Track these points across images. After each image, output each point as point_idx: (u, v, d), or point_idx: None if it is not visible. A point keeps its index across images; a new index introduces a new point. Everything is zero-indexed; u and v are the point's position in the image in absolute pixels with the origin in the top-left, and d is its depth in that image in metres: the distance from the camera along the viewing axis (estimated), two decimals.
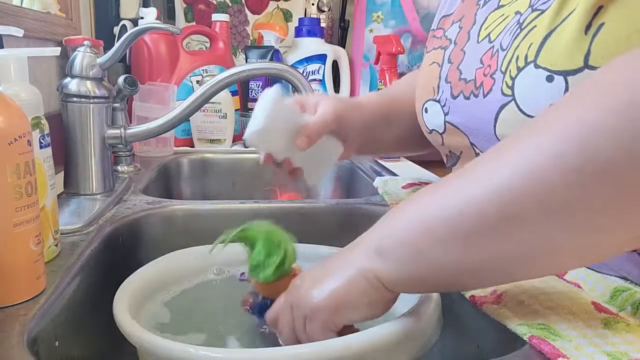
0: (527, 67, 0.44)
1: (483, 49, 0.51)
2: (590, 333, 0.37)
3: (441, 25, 0.63)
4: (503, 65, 0.47)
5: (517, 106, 0.45)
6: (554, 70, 0.42)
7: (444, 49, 0.59)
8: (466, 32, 0.56)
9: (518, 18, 0.47)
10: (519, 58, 0.45)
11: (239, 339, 0.52)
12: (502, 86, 0.46)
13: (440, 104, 0.57)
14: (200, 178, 1.08)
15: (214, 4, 1.42)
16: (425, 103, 0.60)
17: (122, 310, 0.42)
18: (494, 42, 0.50)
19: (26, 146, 0.42)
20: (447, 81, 0.56)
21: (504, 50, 0.48)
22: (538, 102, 0.43)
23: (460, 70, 0.54)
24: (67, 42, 0.91)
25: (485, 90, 0.49)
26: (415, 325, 0.40)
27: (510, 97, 0.46)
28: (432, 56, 0.61)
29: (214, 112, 1.13)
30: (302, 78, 0.77)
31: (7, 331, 0.38)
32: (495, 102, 0.47)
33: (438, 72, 0.58)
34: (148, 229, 0.69)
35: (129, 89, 0.88)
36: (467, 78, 0.53)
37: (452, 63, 0.56)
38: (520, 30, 0.46)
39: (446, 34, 0.60)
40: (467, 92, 0.52)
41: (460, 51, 0.55)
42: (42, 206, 0.48)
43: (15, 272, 0.42)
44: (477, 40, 0.53)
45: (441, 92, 0.57)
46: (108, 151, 0.74)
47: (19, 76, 0.49)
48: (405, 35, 1.37)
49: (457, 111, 0.54)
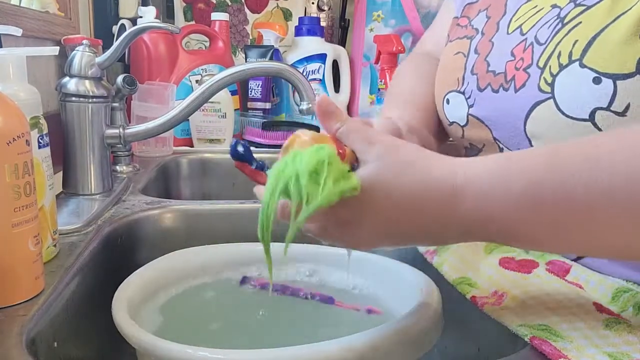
0: (572, 65, 0.42)
1: (514, 41, 0.50)
2: (592, 334, 0.37)
3: (466, 13, 0.61)
4: (541, 60, 0.45)
5: (555, 105, 0.43)
6: (602, 72, 0.40)
7: (469, 38, 0.57)
8: (495, 22, 0.54)
9: (558, 12, 0.46)
10: (561, 54, 0.43)
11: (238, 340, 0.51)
12: (540, 82, 0.45)
13: (465, 95, 0.55)
14: (199, 178, 1.08)
15: (214, 3, 1.42)
16: (448, 94, 0.58)
17: (121, 310, 0.42)
18: (527, 35, 0.48)
19: (25, 146, 0.41)
20: (474, 73, 0.54)
21: (541, 44, 0.46)
22: (581, 103, 0.41)
23: (488, 62, 0.52)
24: (66, 42, 0.91)
25: (518, 85, 0.47)
26: (415, 325, 0.40)
27: (548, 94, 0.44)
28: (456, 46, 0.59)
29: (214, 112, 1.13)
30: (302, 77, 0.76)
31: (5, 332, 0.38)
32: (529, 98, 0.46)
33: (463, 63, 0.56)
34: (147, 229, 0.68)
35: (128, 88, 0.87)
36: (495, 70, 0.51)
37: (479, 54, 0.54)
38: (562, 25, 0.44)
39: (472, 23, 0.58)
40: (496, 85, 0.50)
41: (489, 42, 0.53)
42: (40, 206, 0.48)
43: (14, 272, 0.42)
44: (507, 31, 0.51)
45: (466, 83, 0.55)
46: (107, 151, 0.74)
47: (17, 76, 0.49)
48: (405, 35, 1.36)
49: (483, 104, 0.52)
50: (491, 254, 0.50)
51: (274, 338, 0.52)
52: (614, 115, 0.40)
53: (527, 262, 0.48)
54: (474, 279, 0.47)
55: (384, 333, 0.38)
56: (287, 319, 0.53)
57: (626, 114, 0.39)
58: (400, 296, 0.49)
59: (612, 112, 0.40)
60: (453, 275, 0.49)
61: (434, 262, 0.53)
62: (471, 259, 0.50)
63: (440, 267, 0.52)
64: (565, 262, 0.47)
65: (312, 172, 0.33)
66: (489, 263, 0.49)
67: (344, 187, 0.34)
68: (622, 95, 0.39)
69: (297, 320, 0.53)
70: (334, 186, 0.33)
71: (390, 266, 0.52)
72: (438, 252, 0.54)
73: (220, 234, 0.69)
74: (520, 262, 0.48)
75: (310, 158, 0.34)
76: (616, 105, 0.40)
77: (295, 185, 0.33)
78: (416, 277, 0.48)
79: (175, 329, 0.48)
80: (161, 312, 0.50)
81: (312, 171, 0.33)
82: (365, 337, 0.37)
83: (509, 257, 0.49)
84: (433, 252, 0.54)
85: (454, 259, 0.51)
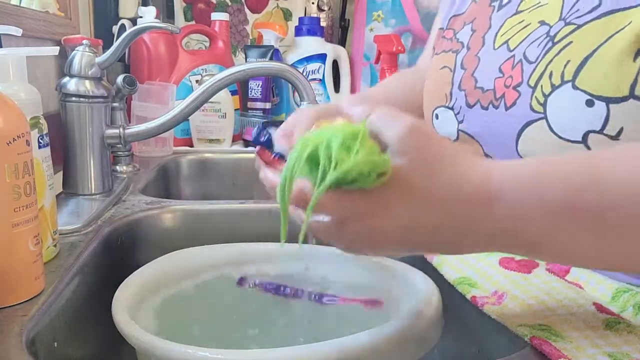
0: (564, 87, 0.41)
1: (501, 57, 0.49)
2: (592, 334, 0.37)
3: (451, 26, 0.60)
4: (532, 79, 0.44)
5: (548, 125, 0.43)
6: (595, 95, 0.39)
7: (455, 52, 0.56)
8: (480, 36, 0.53)
9: (547, 30, 0.45)
10: (553, 74, 0.43)
11: (238, 340, 0.51)
12: (532, 102, 0.44)
13: (454, 111, 0.54)
14: (199, 178, 1.08)
15: (214, 3, 1.42)
16: (436, 109, 0.57)
17: (121, 310, 0.42)
18: (515, 51, 0.47)
19: (25, 146, 0.41)
20: (461, 88, 0.53)
21: (531, 63, 0.45)
22: (574, 125, 0.41)
23: (476, 78, 0.52)
24: (66, 42, 0.91)
25: (508, 103, 0.46)
26: (415, 326, 0.40)
27: (541, 114, 0.43)
28: (442, 59, 0.58)
29: (214, 112, 1.13)
30: (302, 77, 0.76)
31: (5, 332, 0.38)
32: (520, 117, 0.45)
33: (450, 78, 0.55)
34: (147, 229, 0.68)
35: (128, 88, 0.87)
36: (484, 87, 0.50)
37: (466, 69, 0.53)
38: (552, 44, 0.44)
39: (457, 36, 0.58)
40: (485, 102, 0.50)
41: (475, 57, 0.53)
42: (40, 206, 0.48)
43: (14, 272, 0.42)
44: (493, 46, 0.51)
45: (454, 99, 0.54)
46: (107, 151, 0.74)
47: (17, 76, 0.49)
48: (405, 35, 1.36)
49: (472, 121, 0.52)
50: (491, 254, 0.50)
51: (274, 338, 0.52)
52: (607, 138, 0.39)
53: (527, 262, 0.48)
54: (474, 278, 0.48)
55: (384, 333, 0.38)
56: (288, 319, 0.53)
57: (619, 137, 0.39)
58: (400, 296, 0.49)
59: (605, 135, 0.39)
60: (453, 275, 0.49)
61: (434, 262, 0.53)
62: (471, 259, 0.50)
63: (440, 267, 0.52)
64: None
65: (346, 140, 0.31)
66: (489, 263, 0.49)
67: (377, 161, 0.31)
68: (615, 118, 0.39)
69: (298, 320, 0.53)
70: (367, 157, 0.31)
71: (390, 266, 0.52)
72: None
73: (220, 234, 0.69)
74: (520, 262, 0.48)
75: (343, 130, 0.32)
76: (609, 129, 0.39)
77: (325, 149, 0.31)
78: (416, 277, 0.48)
79: (175, 328, 0.48)
80: (161, 312, 0.50)
81: (345, 139, 0.31)
82: (365, 337, 0.37)
83: (509, 257, 0.49)
84: None
85: (454, 259, 0.51)
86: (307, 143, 0.32)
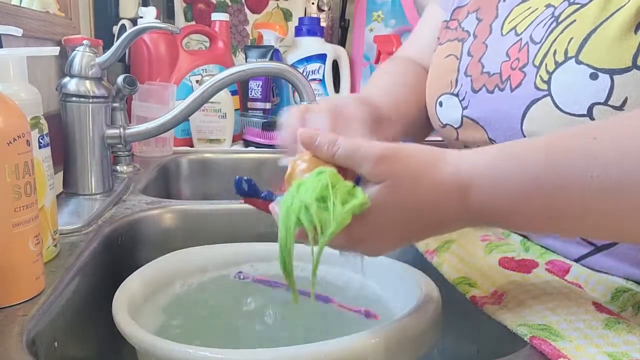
0: (567, 62, 0.43)
1: (509, 42, 0.50)
2: (591, 333, 0.37)
3: (455, 17, 0.61)
4: (537, 59, 0.45)
5: (553, 101, 0.43)
6: (598, 68, 0.41)
7: (461, 41, 0.57)
8: (487, 24, 0.54)
9: (552, 11, 0.46)
10: (557, 52, 0.44)
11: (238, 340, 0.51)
12: (536, 80, 0.45)
13: (459, 97, 0.55)
14: (199, 178, 1.08)
15: (214, 4, 1.42)
16: (440, 97, 0.58)
17: (121, 310, 0.42)
18: (522, 35, 0.48)
19: (25, 146, 0.41)
20: (467, 74, 0.54)
21: (536, 43, 0.46)
22: (578, 99, 0.42)
23: (483, 63, 0.53)
24: (66, 42, 0.91)
25: (514, 84, 0.47)
26: (415, 325, 0.40)
27: (545, 91, 0.44)
28: (447, 48, 0.59)
29: (214, 112, 1.13)
30: (302, 78, 0.77)
31: (6, 332, 0.38)
32: (525, 97, 0.46)
33: (456, 65, 0.56)
34: (147, 229, 0.69)
35: (128, 88, 0.87)
36: (490, 71, 0.51)
37: (473, 56, 0.54)
38: (556, 24, 0.45)
39: (462, 25, 0.59)
40: (491, 85, 0.51)
41: (482, 44, 0.54)
42: (41, 206, 0.48)
43: (14, 272, 0.42)
44: (500, 33, 0.52)
45: (460, 85, 0.55)
46: (107, 151, 0.74)
47: (18, 76, 0.49)
48: (405, 35, 1.36)
49: (477, 105, 0.53)
50: (491, 254, 0.50)
51: (275, 338, 0.52)
52: (612, 109, 0.40)
53: (527, 262, 0.48)
54: (473, 278, 0.48)
55: (383, 333, 0.38)
56: (288, 319, 0.53)
57: (624, 107, 0.40)
58: (400, 296, 0.49)
59: (609, 106, 0.40)
60: (453, 275, 0.49)
61: (433, 262, 0.53)
62: (471, 259, 0.50)
63: (440, 267, 0.52)
64: (565, 262, 0.47)
65: (319, 199, 0.34)
66: (488, 263, 0.49)
67: (354, 205, 0.35)
68: (619, 89, 0.40)
69: (298, 320, 0.53)
70: (344, 208, 0.34)
71: (390, 266, 0.52)
72: (438, 252, 0.54)
73: (220, 234, 0.69)
74: (520, 262, 0.48)
75: (314, 185, 0.35)
76: (614, 99, 0.40)
77: (305, 216, 0.34)
78: (416, 277, 0.48)
79: (175, 328, 0.48)
80: (161, 312, 0.50)
81: (318, 198, 0.34)
82: (365, 337, 0.38)
83: (509, 257, 0.49)
84: (433, 252, 0.54)
85: (454, 259, 0.51)
86: (288, 214, 0.35)
